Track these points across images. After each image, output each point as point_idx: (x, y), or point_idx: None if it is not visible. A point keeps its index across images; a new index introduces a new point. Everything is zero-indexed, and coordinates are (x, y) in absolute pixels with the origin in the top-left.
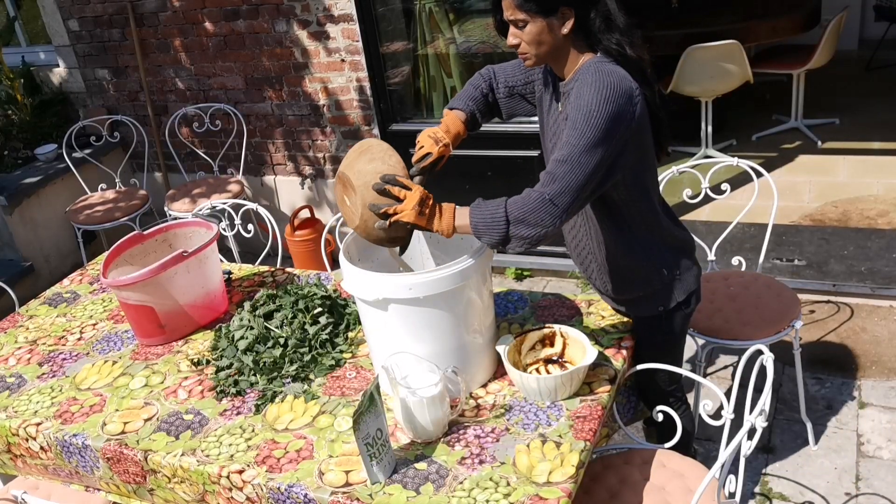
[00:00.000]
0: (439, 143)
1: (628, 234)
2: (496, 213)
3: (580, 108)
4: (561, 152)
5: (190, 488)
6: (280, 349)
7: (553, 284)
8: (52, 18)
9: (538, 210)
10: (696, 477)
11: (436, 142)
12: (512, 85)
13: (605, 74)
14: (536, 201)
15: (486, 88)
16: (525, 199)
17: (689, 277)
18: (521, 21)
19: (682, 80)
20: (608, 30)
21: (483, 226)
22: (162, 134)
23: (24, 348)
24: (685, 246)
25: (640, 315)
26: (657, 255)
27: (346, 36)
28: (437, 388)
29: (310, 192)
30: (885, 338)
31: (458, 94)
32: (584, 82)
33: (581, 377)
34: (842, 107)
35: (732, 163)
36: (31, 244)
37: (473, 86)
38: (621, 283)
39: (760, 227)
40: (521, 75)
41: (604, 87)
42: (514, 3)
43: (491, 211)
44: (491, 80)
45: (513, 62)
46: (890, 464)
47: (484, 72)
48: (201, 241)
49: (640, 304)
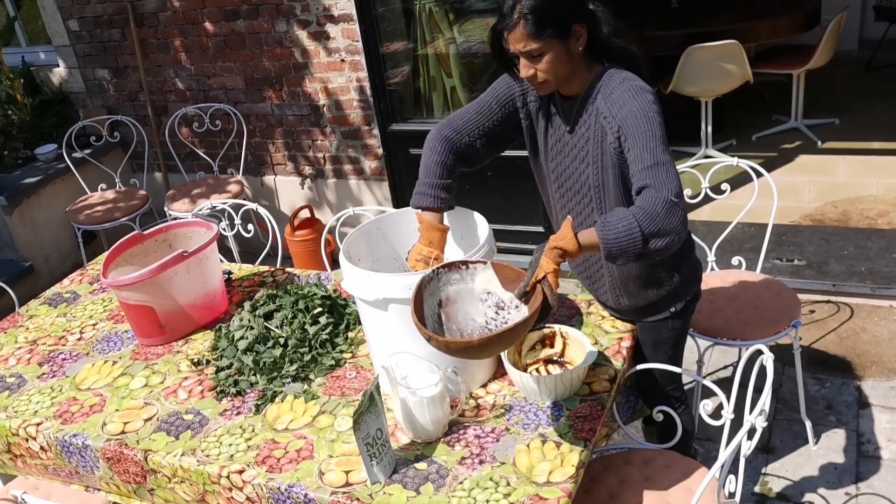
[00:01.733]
0: (430, 260)
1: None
2: (631, 231)
3: (634, 115)
4: (645, 160)
5: (190, 488)
6: (280, 349)
7: None
8: (52, 18)
9: (669, 216)
10: (696, 477)
11: (426, 263)
12: (488, 129)
13: (631, 81)
14: (664, 207)
15: (452, 160)
16: (651, 208)
17: (695, 275)
18: (536, 51)
19: (682, 80)
20: (613, 36)
21: (618, 249)
22: (162, 134)
23: (24, 348)
24: (690, 243)
25: (648, 320)
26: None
27: (346, 36)
28: (436, 388)
29: (310, 192)
30: (885, 338)
31: (421, 180)
32: (616, 93)
33: (581, 377)
34: (842, 107)
35: (732, 163)
36: (31, 244)
37: (435, 162)
38: (634, 293)
39: (760, 227)
40: (496, 112)
41: (640, 91)
42: (527, 33)
43: (624, 230)
44: (454, 142)
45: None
46: (890, 464)
47: (441, 137)
48: (201, 241)
49: (651, 309)
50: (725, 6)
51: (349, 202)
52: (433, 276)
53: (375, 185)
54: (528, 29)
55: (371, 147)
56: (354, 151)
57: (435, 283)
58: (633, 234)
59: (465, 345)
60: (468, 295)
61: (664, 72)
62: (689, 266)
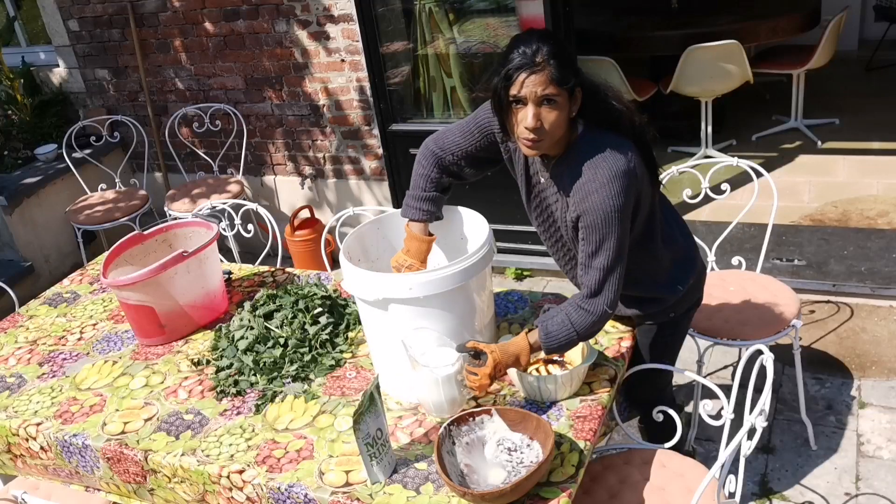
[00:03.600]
0: (402, 269)
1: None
2: (570, 337)
3: (595, 211)
4: (596, 262)
5: (190, 488)
6: (280, 349)
7: (553, 284)
8: (52, 18)
9: (600, 323)
10: (696, 477)
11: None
12: (471, 153)
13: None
14: (599, 316)
15: (437, 173)
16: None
17: (699, 283)
18: (556, 96)
19: (682, 80)
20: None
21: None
22: (162, 134)
23: (24, 348)
24: (693, 254)
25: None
26: (669, 277)
27: (346, 36)
28: (454, 366)
29: (310, 192)
30: (885, 338)
31: (410, 193)
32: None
33: (581, 377)
34: (842, 107)
35: (732, 163)
36: (31, 244)
37: (422, 175)
38: (634, 305)
39: (760, 227)
40: (478, 140)
41: (607, 182)
42: (554, 78)
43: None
44: (439, 158)
45: (457, 127)
46: (890, 464)
47: (428, 152)
48: (201, 241)
49: (650, 317)
50: (725, 6)
51: (349, 202)
52: (446, 434)
53: (375, 185)
54: (554, 74)
55: (371, 147)
56: (354, 151)
57: (449, 442)
58: (571, 337)
59: (500, 493)
60: (479, 443)
61: (664, 72)
62: (693, 277)
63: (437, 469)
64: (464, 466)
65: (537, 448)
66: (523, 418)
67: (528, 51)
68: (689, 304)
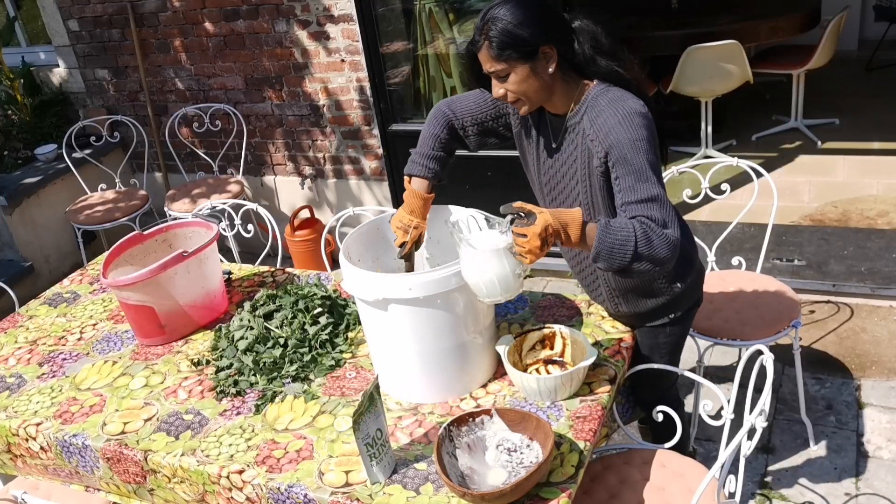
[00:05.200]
0: (409, 229)
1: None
2: (626, 244)
3: (621, 144)
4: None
5: (190, 488)
6: (280, 349)
7: (553, 284)
8: (52, 18)
9: (665, 249)
10: (696, 477)
11: (405, 231)
12: (481, 121)
13: (620, 104)
14: (664, 241)
15: (446, 134)
16: (653, 236)
17: (698, 282)
18: (502, 72)
19: (682, 80)
20: (597, 55)
21: (606, 253)
22: (162, 134)
23: (24, 348)
24: (692, 252)
25: (648, 325)
26: (672, 270)
27: (346, 36)
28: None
29: (310, 193)
30: (885, 338)
31: (416, 149)
32: (602, 117)
33: (581, 377)
34: (842, 107)
35: (732, 163)
36: (31, 244)
37: (431, 135)
38: (633, 301)
39: (760, 227)
40: (489, 110)
41: (626, 116)
42: (491, 55)
43: (620, 241)
44: (451, 120)
45: (473, 95)
46: (890, 464)
47: (440, 113)
48: (201, 241)
49: (650, 316)
50: (725, 6)
51: (349, 202)
52: (445, 434)
53: (375, 185)
54: (491, 50)
55: (371, 147)
56: (354, 151)
57: (448, 443)
58: (627, 247)
59: (499, 493)
60: (480, 444)
61: (664, 72)
62: (691, 276)
63: (437, 469)
64: (464, 468)
65: (537, 448)
66: (523, 419)
67: (476, 29)
68: (688, 304)
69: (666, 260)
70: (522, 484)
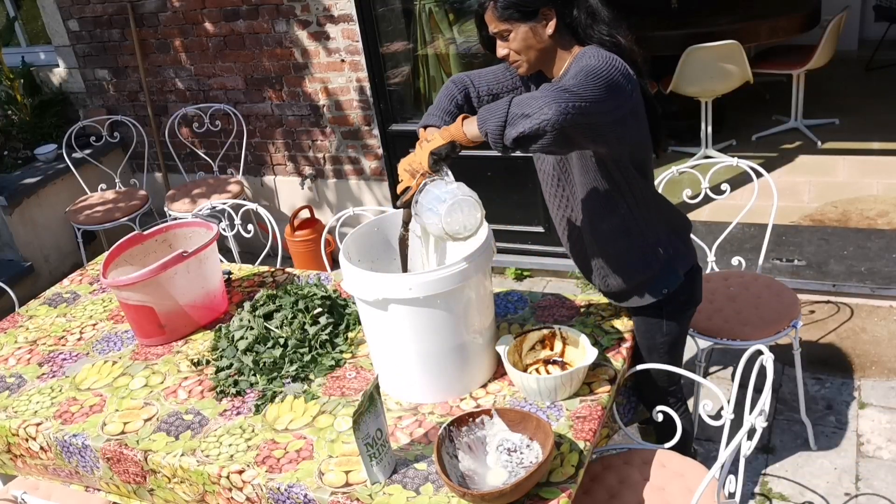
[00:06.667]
0: (416, 174)
1: (624, 215)
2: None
3: (581, 69)
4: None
5: (190, 488)
6: (280, 349)
7: (553, 284)
8: (52, 18)
9: (544, 96)
10: (696, 477)
11: (412, 175)
12: (496, 92)
13: (602, 53)
14: (543, 89)
15: (462, 98)
16: (534, 93)
17: (687, 253)
18: (505, 32)
19: (682, 80)
20: (594, 23)
21: (485, 113)
22: (162, 134)
23: (24, 348)
24: (680, 227)
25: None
26: (651, 233)
27: (346, 36)
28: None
29: (310, 193)
30: (885, 338)
31: (432, 108)
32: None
33: (581, 377)
34: (842, 107)
35: (732, 163)
36: (31, 244)
37: (447, 96)
38: (622, 271)
39: (760, 228)
40: (507, 81)
41: (604, 55)
42: (496, 16)
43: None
44: (467, 87)
45: (493, 69)
46: (890, 464)
47: (458, 79)
48: (201, 241)
49: (644, 290)
50: (725, 6)
51: (349, 202)
52: (445, 435)
53: (375, 185)
54: (495, 11)
55: (371, 147)
56: (354, 151)
57: (448, 443)
58: (501, 105)
59: (499, 493)
60: (480, 444)
61: (664, 72)
62: (675, 244)
63: (437, 469)
64: (464, 468)
65: (537, 448)
66: (523, 419)
67: None
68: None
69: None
70: (522, 484)
